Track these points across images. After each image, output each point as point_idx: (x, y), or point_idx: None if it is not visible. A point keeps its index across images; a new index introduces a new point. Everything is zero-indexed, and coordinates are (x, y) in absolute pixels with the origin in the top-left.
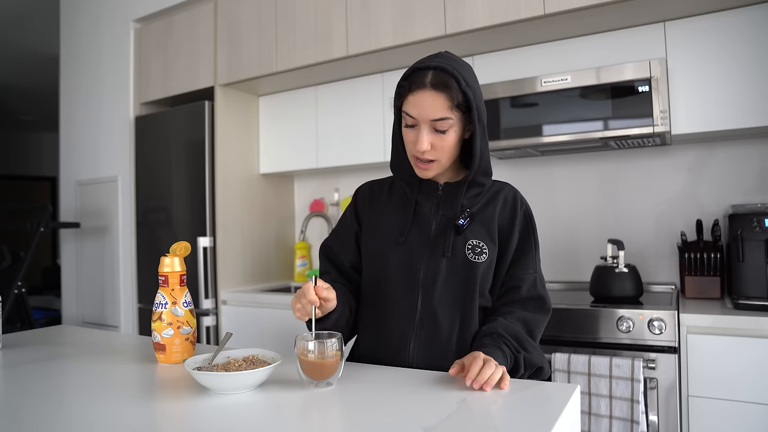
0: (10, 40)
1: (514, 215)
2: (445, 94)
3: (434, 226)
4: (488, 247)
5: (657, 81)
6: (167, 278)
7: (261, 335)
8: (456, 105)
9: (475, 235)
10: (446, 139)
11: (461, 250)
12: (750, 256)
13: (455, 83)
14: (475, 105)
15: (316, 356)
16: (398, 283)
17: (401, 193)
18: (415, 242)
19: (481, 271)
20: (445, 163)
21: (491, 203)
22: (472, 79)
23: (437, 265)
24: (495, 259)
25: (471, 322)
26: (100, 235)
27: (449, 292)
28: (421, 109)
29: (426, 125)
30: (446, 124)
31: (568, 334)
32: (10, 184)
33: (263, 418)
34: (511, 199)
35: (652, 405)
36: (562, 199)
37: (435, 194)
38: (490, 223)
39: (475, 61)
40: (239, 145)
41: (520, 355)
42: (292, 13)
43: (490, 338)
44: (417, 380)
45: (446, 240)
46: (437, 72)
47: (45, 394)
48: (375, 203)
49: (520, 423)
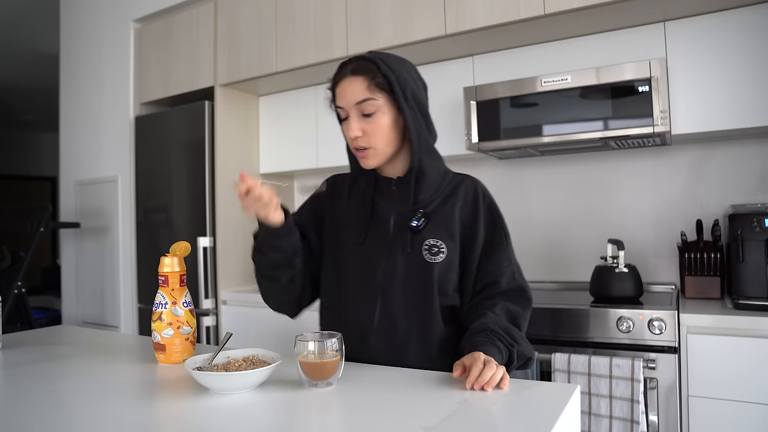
0: (10, 40)
1: (476, 209)
2: (364, 76)
3: (392, 225)
4: (447, 245)
5: (657, 81)
6: (167, 278)
7: (261, 335)
8: (377, 85)
9: (433, 234)
10: (375, 122)
11: (418, 249)
12: (750, 256)
13: (374, 66)
14: (399, 86)
15: (316, 356)
16: (358, 284)
17: (361, 190)
18: (373, 242)
19: (439, 271)
20: (382, 149)
21: (450, 199)
22: (400, 66)
23: (395, 266)
24: (457, 257)
25: (431, 321)
26: (100, 235)
27: (408, 292)
28: (344, 95)
29: (353, 111)
30: (371, 106)
31: (568, 334)
32: (10, 184)
33: (263, 418)
34: (472, 192)
35: (652, 405)
36: (562, 199)
37: (390, 190)
38: (450, 220)
39: (475, 61)
40: (239, 145)
41: (513, 349)
42: (292, 13)
43: (484, 335)
44: (417, 380)
45: (404, 240)
46: (357, 61)
47: (45, 394)
48: (336, 199)
49: (520, 423)
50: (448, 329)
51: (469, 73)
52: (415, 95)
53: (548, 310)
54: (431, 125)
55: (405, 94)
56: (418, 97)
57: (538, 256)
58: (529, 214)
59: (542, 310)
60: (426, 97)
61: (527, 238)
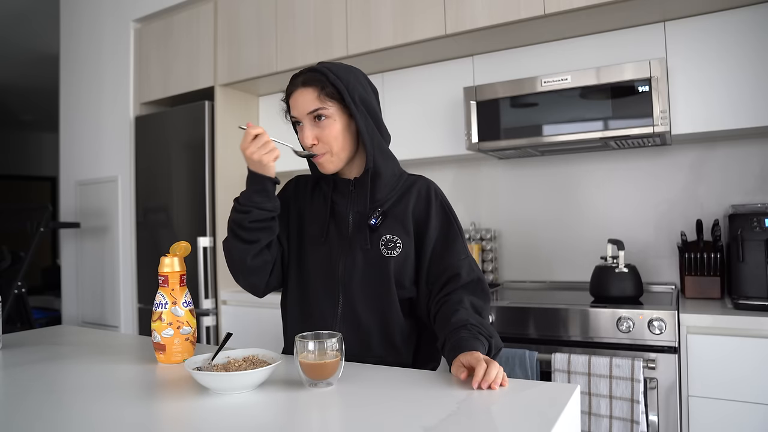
0: (10, 40)
1: (428, 206)
2: (313, 87)
3: (351, 223)
4: (402, 240)
5: (657, 81)
6: (167, 278)
7: (261, 335)
8: (327, 94)
9: (389, 230)
10: (327, 128)
11: (376, 245)
12: (750, 256)
13: (323, 77)
14: (349, 94)
15: (316, 356)
16: (320, 281)
17: (322, 191)
18: (334, 240)
19: (396, 265)
20: (338, 153)
21: (405, 197)
22: (348, 74)
23: (354, 262)
24: (412, 251)
25: (391, 313)
26: (100, 235)
27: (367, 286)
28: (297, 106)
29: (306, 120)
30: (322, 114)
31: (568, 334)
32: (10, 184)
33: (263, 418)
34: (425, 191)
35: (652, 405)
36: (562, 199)
37: (348, 190)
38: (404, 217)
39: (475, 61)
40: (239, 145)
41: (492, 341)
42: (292, 13)
43: (466, 330)
44: (417, 380)
45: (362, 236)
46: (306, 73)
47: (45, 394)
48: (300, 199)
49: (520, 423)
50: (408, 321)
51: (469, 73)
52: (365, 100)
53: (548, 310)
54: (383, 127)
55: (354, 100)
56: (368, 102)
57: (538, 256)
58: (529, 214)
59: (542, 310)
60: (377, 101)
61: (527, 238)
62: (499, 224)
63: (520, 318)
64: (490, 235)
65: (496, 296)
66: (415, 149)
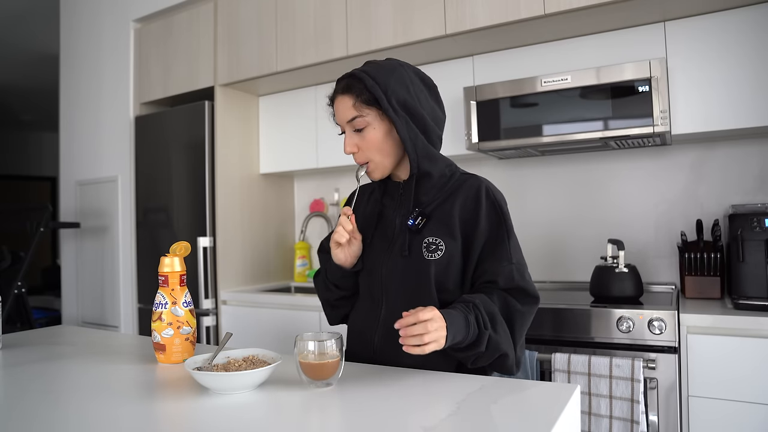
0: (10, 40)
1: (478, 206)
2: (349, 95)
3: (396, 227)
4: (445, 242)
5: (657, 81)
6: (167, 278)
7: (261, 335)
8: (363, 102)
9: (432, 232)
10: (367, 137)
11: (418, 248)
12: (750, 256)
13: (361, 84)
14: (386, 99)
15: (316, 357)
16: (365, 284)
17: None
18: (378, 243)
19: (437, 268)
20: (381, 161)
21: (451, 197)
22: (389, 77)
23: (395, 265)
24: (458, 253)
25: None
26: (100, 235)
27: (407, 290)
28: (338, 114)
29: (347, 128)
30: (361, 122)
31: (568, 334)
32: (10, 184)
33: (263, 418)
34: (474, 190)
35: (652, 405)
36: (562, 199)
37: (397, 194)
38: (449, 218)
39: (475, 61)
40: (239, 145)
41: (486, 332)
42: (292, 13)
43: (464, 305)
44: (417, 380)
45: (404, 240)
46: (345, 79)
47: (44, 394)
48: (360, 206)
49: (520, 423)
50: None
51: (469, 73)
52: (405, 103)
53: (548, 310)
54: (430, 126)
55: (393, 106)
56: (410, 105)
57: (538, 256)
58: (529, 214)
59: (542, 310)
60: (432, 95)
61: (527, 238)
62: None
63: None
64: None
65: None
66: None
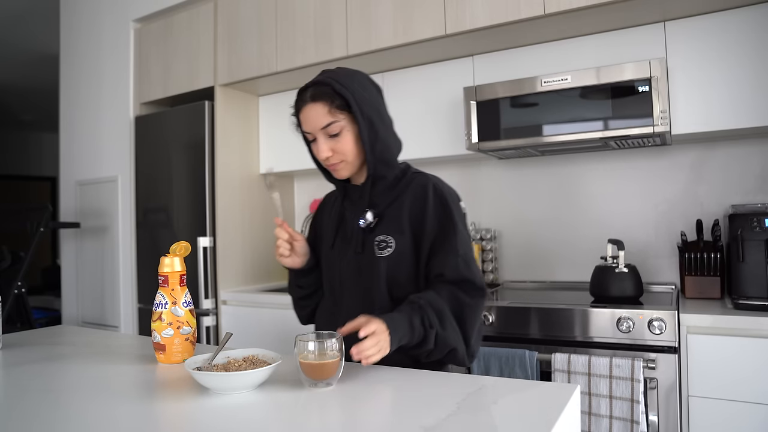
0: (10, 40)
1: (425, 203)
2: (322, 102)
3: (354, 227)
4: (395, 239)
5: (657, 81)
6: (167, 278)
7: (261, 335)
8: (337, 107)
9: (383, 230)
10: (342, 140)
11: (371, 246)
12: (750, 256)
13: (330, 89)
14: (356, 102)
15: (316, 356)
16: (327, 282)
17: (339, 200)
18: (339, 246)
19: (388, 264)
20: (353, 161)
21: (401, 196)
22: (353, 81)
23: (350, 263)
24: (407, 249)
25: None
26: (100, 235)
27: (361, 287)
28: (309, 121)
29: (320, 134)
30: (336, 128)
31: (568, 334)
32: (10, 184)
33: (263, 418)
34: (421, 188)
35: (652, 405)
36: (562, 199)
37: (356, 197)
38: (399, 216)
39: (475, 61)
40: (239, 145)
41: (432, 331)
42: (292, 13)
43: (409, 306)
44: (417, 380)
45: (358, 239)
46: (313, 87)
47: (44, 394)
48: (324, 213)
49: (520, 423)
50: None
51: (469, 73)
52: (372, 105)
53: (548, 310)
54: (390, 130)
55: (362, 109)
56: (375, 107)
57: (538, 256)
58: (529, 214)
59: (542, 311)
60: (382, 99)
61: (527, 238)
62: (499, 224)
63: (520, 318)
64: (490, 235)
65: (495, 296)
66: (415, 149)
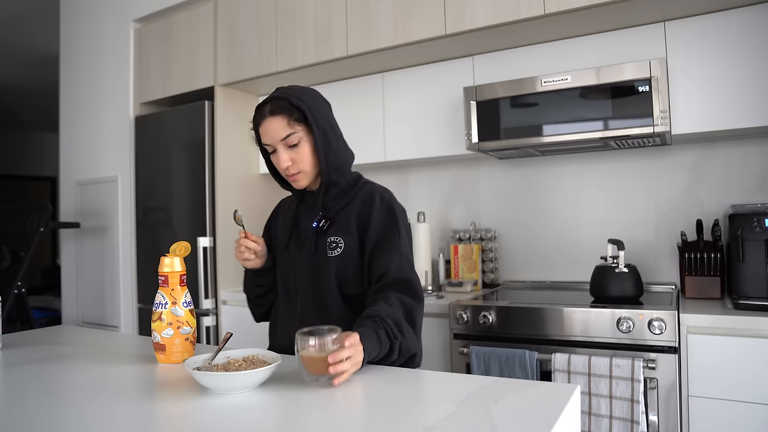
0: (9, 40)
1: (371, 207)
2: (281, 115)
3: (308, 230)
4: (345, 240)
5: (657, 81)
6: (167, 278)
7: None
8: (295, 119)
9: (334, 232)
10: (301, 151)
11: (323, 247)
12: (750, 256)
13: (287, 103)
14: (311, 114)
15: (317, 351)
16: (282, 282)
17: (294, 206)
18: (293, 248)
19: (338, 263)
20: (310, 171)
21: (352, 202)
22: (307, 96)
23: (303, 265)
24: (355, 249)
25: (335, 310)
26: (100, 235)
27: (314, 286)
28: (269, 134)
29: (280, 146)
30: (295, 138)
31: (568, 334)
32: (10, 184)
33: (263, 418)
34: (369, 195)
35: (652, 405)
36: (562, 199)
37: (311, 202)
38: (349, 219)
39: (475, 61)
40: (239, 145)
41: (396, 342)
42: (292, 13)
43: (372, 321)
44: (417, 380)
45: (312, 240)
46: (271, 102)
47: (44, 394)
48: (279, 217)
49: (520, 423)
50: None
51: (469, 73)
52: (325, 118)
53: (549, 311)
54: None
55: (317, 120)
56: (328, 119)
57: (538, 256)
58: (529, 214)
59: (542, 310)
60: (332, 114)
61: (527, 238)
62: (499, 224)
63: (520, 318)
64: (490, 235)
65: (496, 296)
66: (415, 149)
